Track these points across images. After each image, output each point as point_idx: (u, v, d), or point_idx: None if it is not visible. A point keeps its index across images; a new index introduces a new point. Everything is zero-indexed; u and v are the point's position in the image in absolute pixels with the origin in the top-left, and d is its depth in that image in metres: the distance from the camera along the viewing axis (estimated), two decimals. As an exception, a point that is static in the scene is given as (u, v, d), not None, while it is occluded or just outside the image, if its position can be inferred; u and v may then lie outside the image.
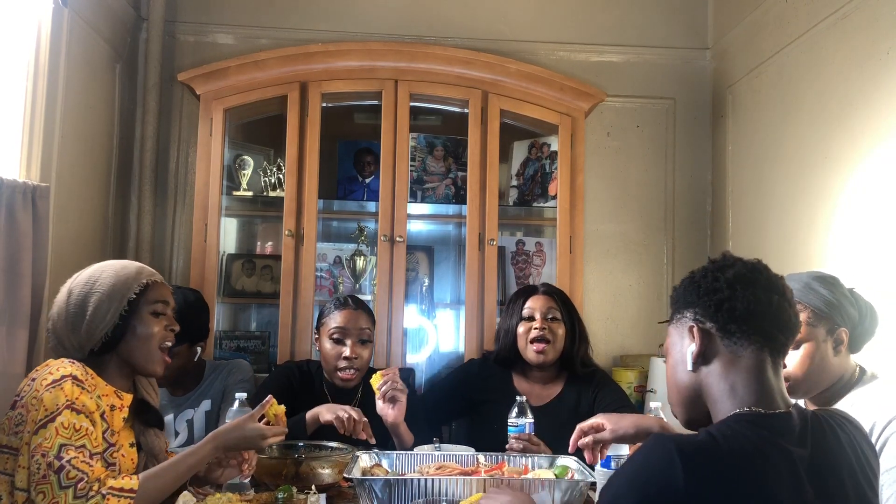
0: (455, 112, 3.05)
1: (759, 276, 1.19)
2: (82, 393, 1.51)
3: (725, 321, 1.16)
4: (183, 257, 3.09)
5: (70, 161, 2.51)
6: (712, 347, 1.18)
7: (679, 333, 1.24)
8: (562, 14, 3.33)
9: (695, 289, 1.22)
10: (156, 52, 3.05)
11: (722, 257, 1.25)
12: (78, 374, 1.53)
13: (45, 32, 2.30)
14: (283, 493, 1.67)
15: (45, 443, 1.44)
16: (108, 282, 1.62)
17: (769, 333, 1.16)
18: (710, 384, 1.18)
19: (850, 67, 2.32)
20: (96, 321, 1.59)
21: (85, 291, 1.61)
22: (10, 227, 2.02)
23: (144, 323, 1.64)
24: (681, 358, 1.22)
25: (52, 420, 1.45)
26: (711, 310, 1.18)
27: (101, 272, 1.65)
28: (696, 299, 1.21)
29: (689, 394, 1.21)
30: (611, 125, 3.33)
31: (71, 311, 1.60)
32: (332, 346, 2.24)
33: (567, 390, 2.34)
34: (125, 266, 1.68)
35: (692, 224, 3.32)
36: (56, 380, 1.50)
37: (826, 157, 2.43)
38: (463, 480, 1.62)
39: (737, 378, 1.16)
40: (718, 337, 1.17)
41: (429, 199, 3.07)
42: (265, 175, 3.00)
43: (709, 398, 1.19)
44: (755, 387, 1.15)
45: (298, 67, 2.88)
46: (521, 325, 2.33)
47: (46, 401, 1.47)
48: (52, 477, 1.41)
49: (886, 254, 2.10)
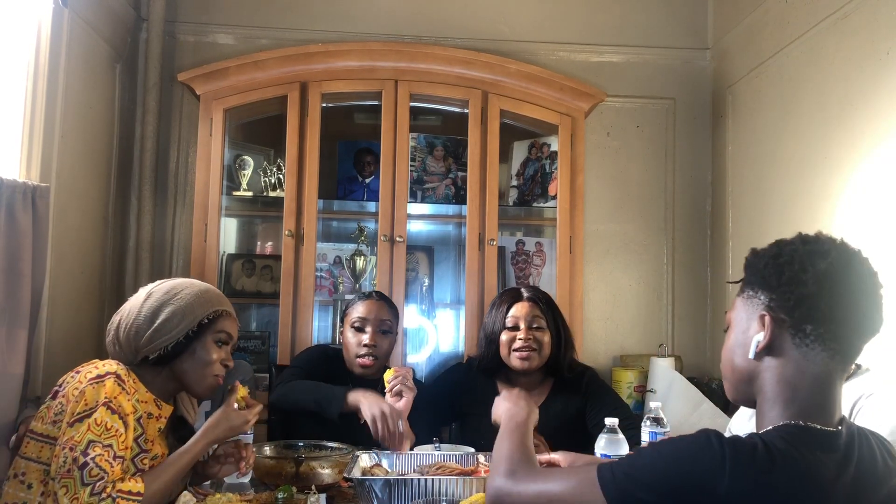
0: (455, 112, 3.05)
1: (851, 276, 1.07)
2: (121, 393, 1.53)
3: (802, 319, 1.06)
4: (183, 257, 3.09)
5: (70, 161, 2.51)
6: (781, 342, 1.08)
7: (747, 311, 1.13)
8: (561, 14, 3.33)
9: (777, 272, 1.09)
10: (156, 52, 3.05)
11: (816, 240, 1.10)
12: (121, 374, 1.55)
13: (45, 32, 2.31)
14: (283, 493, 1.67)
15: (76, 436, 1.46)
16: (188, 298, 1.64)
17: (847, 341, 1.06)
18: (768, 380, 1.09)
19: (850, 67, 2.32)
20: (163, 331, 1.61)
21: (163, 300, 1.63)
22: (10, 227, 2.02)
23: (206, 349, 1.66)
24: (743, 339, 1.13)
25: (89, 415, 1.47)
26: (790, 304, 1.06)
27: (184, 287, 1.67)
28: (776, 285, 1.08)
29: (743, 377, 1.14)
30: (611, 125, 3.33)
31: (143, 313, 1.62)
32: (353, 335, 2.27)
33: (553, 397, 2.28)
34: (208, 290, 1.71)
35: (692, 224, 3.32)
36: (100, 375, 1.53)
37: (826, 157, 2.43)
38: (463, 480, 1.62)
39: (800, 384, 1.07)
40: (790, 334, 1.07)
41: (429, 199, 3.07)
42: (265, 175, 3.00)
43: (761, 393, 1.11)
44: (817, 399, 1.06)
45: (298, 67, 2.88)
46: (504, 333, 2.25)
47: (88, 395, 1.49)
48: (76, 472, 1.43)
49: (887, 254, 2.10)
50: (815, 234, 1.12)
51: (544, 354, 2.25)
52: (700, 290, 3.30)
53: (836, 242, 1.10)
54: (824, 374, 1.06)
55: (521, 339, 2.22)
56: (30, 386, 2.23)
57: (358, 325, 2.28)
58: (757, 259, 1.14)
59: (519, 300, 2.28)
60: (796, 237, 1.12)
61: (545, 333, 2.25)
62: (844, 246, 1.10)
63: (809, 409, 1.06)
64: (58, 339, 2.46)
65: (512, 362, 2.24)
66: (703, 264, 3.32)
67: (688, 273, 3.31)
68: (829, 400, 1.07)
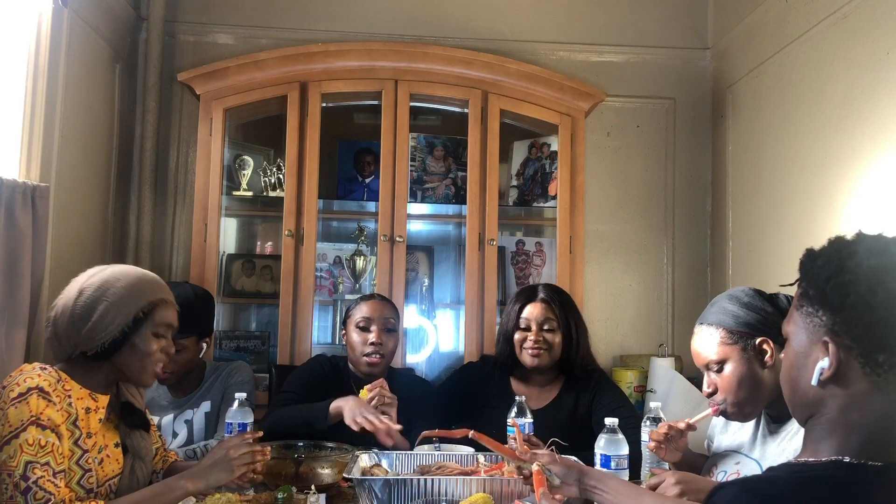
0: (455, 112, 3.05)
1: None
2: (48, 406, 1.48)
3: (873, 348, 0.94)
4: (183, 257, 3.09)
5: (70, 161, 2.51)
6: (847, 371, 0.96)
7: (808, 331, 1.01)
8: (562, 14, 3.33)
9: (840, 292, 0.96)
10: (156, 52, 3.05)
11: (885, 250, 0.96)
12: (45, 386, 1.49)
13: (45, 32, 2.31)
14: (283, 493, 1.67)
15: (11, 461, 1.41)
16: (120, 293, 1.58)
17: None
18: (828, 410, 0.99)
19: (850, 67, 2.32)
20: (98, 328, 1.55)
21: (95, 296, 1.57)
22: (9, 227, 2.02)
23: (145, 341, 1.60)
24: (804, 362, 1.01)
25: (17, 436, 1.42)
26: (859, 330, 0.94)
27: (115, 280, 1.61)
28: (840, 307, 0.96)
29: (805, 403, 1.03)
30: (611, 125, 3.33)
31: (77, 311, 1.56)
32: (358, 335, 2.28)
33: (565, 393, 2.33)
34: (141, 279, 1.63)
35: (692, 224, 3.32)
36: (21, 393, 1.46)
37: (826, 157, 2.43)
38: (463, 480, 1.62)
39: (861, 417, 0.96)
40: (860, 363, 0.95)
41: (429, 199, 3.07)
42: (265, 175, 3.00)
43: (820, 417, 1.00)
44: (877, 435, 0.95)
45: (298, 67, 2.88)
46: (517, 332, 2.31)
47: (11, 416, 1.44)
48: (19, 498, 1.39)
49: None
50: (882, 240, 0.99)
51: (554, 354, 2.30)
52: (700, 290, 3.30)
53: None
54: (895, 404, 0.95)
55: (531, 339, 2.27)
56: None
57: (363, 324, 2.28)
58: (816, 268, 1.00)
59: (532, 301, 2.33)
60: (859, 244, 0.99)
61: (556, 335, 2.30)
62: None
63: (869, 444, 0.95)
64: (58, 339, 2.45)
65: (524, 359, 2.30)
66: (703, 264, 3.32)
67: (688, 273, 3.31)
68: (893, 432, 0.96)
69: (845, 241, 1.01)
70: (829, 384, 0.98)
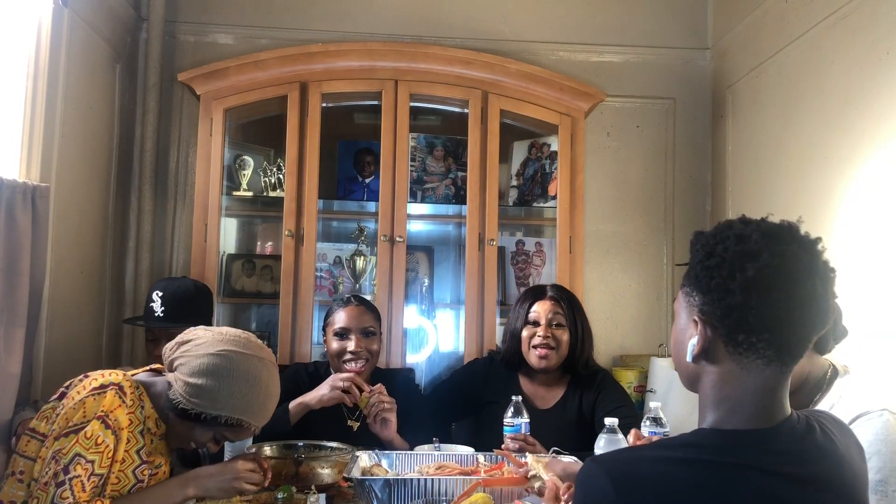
0: (455, 112, 3.05)
1: (785, 280, 0.97)
2: (120, 406, 1.53)
3: (732, 329, 0.99)
4: (183, 257, 3.09)
5: (70, 161, 2.51)
6: (715, 349, 1.02)
7: (685, 309, 1.07)
8: (562, 14, 3.33)
9: (707, 275, 1.02)
10: (156, 52, 3.05)
11: (749, 237, 1.00)
12: (125, 386, 1.54)
13: (45, 32, 2.30)
14: (283, 493, 1.67)
15: (65, 448, 1.46)
16: (243, 396, 1.57)
17: (785, 346, 0.99)
18: (705, 384, 1.05)
19: (850, 67, 2.32)
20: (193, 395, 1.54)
21: (226, 373, 1.56)
22: (9, 227, 2.02)
23: (205, 433, 1.62)
24: (682, 338, 1.08)
25: (82, 428, 1.48)
26: (719, 313, 1.00)
27: (256, 377, 1.60)
28: (707, 289, 1.01)
29: (688, 376, 1.09)
30: (611, 125, 3.33)
31: (202, 365, 1.55)
32: (337, 343, 2.28)
33: (570, 393, 2.35)
34: (258, 396, 1.61)
35: (692, 224, 3.32)
36: (103, 385, 1.52)
37: (826, 157, 2.43)
38: (463, 480, 1.62)
39: (732, 393, 1.01)
40: (723, 343, 1.01)
41: (429, 199, 3.07)
42: (265, 175, 3.00)
43: (700, 395, 1.06)
44: (749, 408, 1.01)
45: (298, 67, 2.88)
46: (525, 328, 2.32)
47: (88, 406, 1.50)
48: (52, 488, 1.44)
49: (887, 254, 2.10)
50: (752, 225, 1.03)
51: (562, 353, 2.31)
52: (700, 290, 3.30)
53: (770, 239, 0.99)
54: (761, 382, 1.00)
55: (540, 335, 2.28)
56: (32, 386, 2.24)
57: (340, 332, 2.28)
58: (695, 251, 1.06)
59: (541, 298, 2.35)
60: (732, 229, 1.03)
61: (564, 332, 2.31)
62: (780, 242, 0.99)
63: (744, 418, 1.00)
64: (58, 340, 2.46)
65: (531, 359, 2.32)
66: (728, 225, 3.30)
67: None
68: (767, 406, 1.01)
69: (726, 224, 1.06)
70: (701, 360, 1.04)
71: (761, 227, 1.03)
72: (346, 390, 2.10)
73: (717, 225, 1.07)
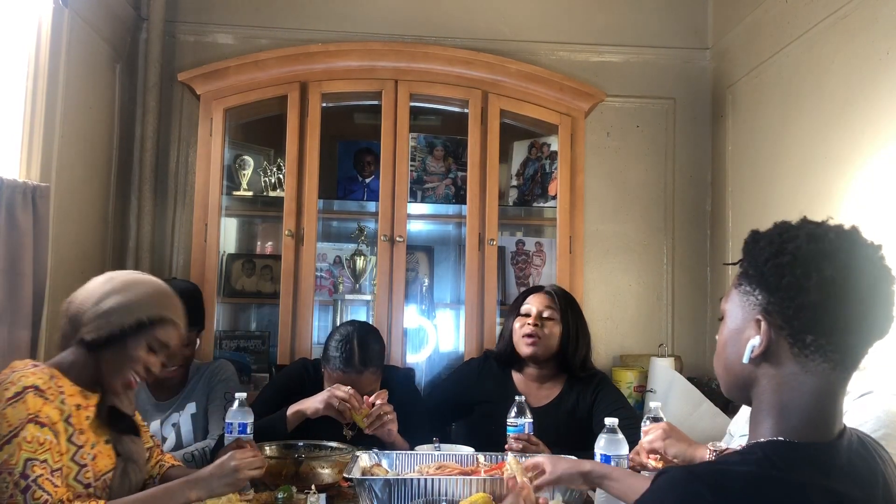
0: (455, 112, 3.05)
1: (860, 282, 0.96)
2: (45, 404, 1.50)
3: (803, 329, 0.96)
4: (183, 257, 3.09)
5: (70, 161, 2.51)
6: (777, 350, 0.99)
7: (743, 309, 1.03)
8: (562, 14, 3.33)
9: (777, 273, 0.98)
10: (156, 52, 3.05)
11: (824, 236, 0.99)
12: (40, 384, 1.51)
13: (45, 32, 2.31)
14: (283, 493, 1.67)
15: (11, 459, 1.43)
16: (138, 294, 1.62)
17: (852, 350, 0.97)
18: (763, 389, 1.01)
19: (850, 67, 2.32)
20: (104, 315, 1.58)
21: (118, 288, 1.62)
22: (10, 227, 2.02)
23: (136, 348, 1.61)
24: (737, 339, 1.03)
25: (16, 435, 1.44)
26: (789, 312, 0.96)
27: (140, 283, 1.67)
28: (776, 287, 0.98)
29: (737, 381, 1.05)
30: (611, 125, 3.33)
31: (95, 296, 1.61)
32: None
33: (566, 392, 2.34)
34: (163, 294, 1.68)
35: (692, 224, 3.32)
36: (17, 393, 1.48)
37: (826, 157, 2.43)
38: (463, 480, 1.62)
39: (796, 397, 0.98)
40: (789, 343, 0.97)
41: (429, 199, 3.07)
42: (265, 175, 3.00)
43: (756, 400, 1.03)
44: (814, 414, 0.98)
45: (298, 67, 2.88)
46: (517, 320, 2.34)
47: (9, 416, 1.46)
48: (18, 497, 1.41)
49: (887, 254, 2.10)
50: (823, 226, 1.02)
51: (550, 345, 2.30)
52: (700, 290, 3.30)
53: (845, 240, 0.99)
54: (824, 385, 0.98)
55: (529, 324, 2.29)
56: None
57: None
58: (757, 249, 1.03)
59: (536, 292, 2.39)
60: (801, 229, 1.01)
61: (555, 325, 2.32)
62: (855, 243, 0.99)
63: (805, 425, 0.98)
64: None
65: (520, 348, 2.32)
66: (703, 264, 3.32)
67: (688, 273, 3.31)
68: (828, 412, 0.99)
69: (789, 225, 1.04)
70: (760, 362, 1.00)
71: (833, 227, 1.03)
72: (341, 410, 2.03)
73: (776, 224, 1.06)
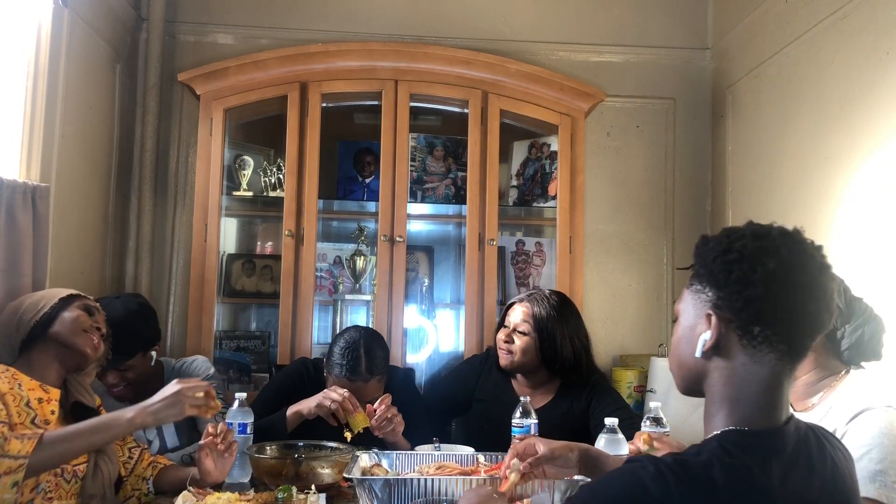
0: (455, 112, 3.05)
1: (802, 275, 1.02)
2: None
3: (750, 321, 1.03)
4: (183, 257, 3.09)
5: (70, 161, 2.51)
6: (727, 343, 1.05)
7: (695, 306, 1.10)
8: (562, 14, 3.33)
9: (725, 269, 1.05)
10: (156, 52, 3.05)
11: (767, 234, 1.05)
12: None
13: (45, 32, 2.30)
14: (283, 493, 1.67)
15: None
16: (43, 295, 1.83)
17: (797, 341, 1.03)
18: (714, 382, 1.07)
19: (850, 67, 2.32)
20: (30, 311, 1.77)
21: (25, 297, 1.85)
22: (10, 226, 2.02)
23: (69, 311, 1.79)
24: (690, 336, 1.10)
25: None
26: (738, 305, 1.03)
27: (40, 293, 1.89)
28: (724, 283, 1.04)
29: (691, 375, 1.11)
30: (611, 125, 3.33)
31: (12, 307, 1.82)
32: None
33: (560, 397, 2.32)
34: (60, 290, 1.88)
35: (692, 224, 3.32)
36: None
37: (826, 157, 2.43)
38: (463, 480, 1.62)
39: (747, 387, 1.04)
40: (737, 335, 1.04)
41: (429, 199, 3.07)
42: (265, 175, 3.00)
43: (708, 393, 1.08)
44: (763, 402, 1.04)
45: (298, 67, 2.88)
46: (501, 331, 2.36)
47: None
48: None
49: (887, 254, 2.10)
50: (767, 227, 1.08)
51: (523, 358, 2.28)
52: (700, 290, 3.30)
53: (787, 237, 1.05)
54: (772, 375, 1.04)
55: (501, 338, 2.32)
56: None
57: None
58: (706, 251, 1.09)
59: (520, 302, 2.36)
60: (747, 229, 1.08)
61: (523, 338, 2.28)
62: (796, 241, 1.05)
63: (755, 413, 1.04)
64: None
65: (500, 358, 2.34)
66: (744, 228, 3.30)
67: (688, 273, 3.30)
68: (776, 400, 1.04)
69: (736, 227, 1.10)
70: (712, 356, 1.07)
71: (777, 227, 1.08)
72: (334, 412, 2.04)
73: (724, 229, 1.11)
